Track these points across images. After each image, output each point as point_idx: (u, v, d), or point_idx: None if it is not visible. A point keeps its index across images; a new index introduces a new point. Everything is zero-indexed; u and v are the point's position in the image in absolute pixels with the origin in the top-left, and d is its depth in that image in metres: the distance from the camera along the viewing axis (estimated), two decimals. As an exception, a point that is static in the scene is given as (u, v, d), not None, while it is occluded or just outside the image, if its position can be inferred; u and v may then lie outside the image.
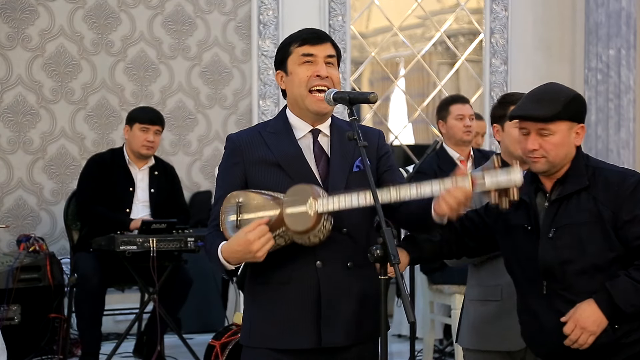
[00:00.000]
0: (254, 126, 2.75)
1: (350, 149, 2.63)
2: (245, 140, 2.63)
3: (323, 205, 2.42)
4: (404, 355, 5.08)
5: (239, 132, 2.73)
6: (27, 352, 4.98)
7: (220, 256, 2.48)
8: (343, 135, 2.62)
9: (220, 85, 6.52)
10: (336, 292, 2.55)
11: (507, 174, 2.39)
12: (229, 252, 2.47)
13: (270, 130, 2.64)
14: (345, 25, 6.82)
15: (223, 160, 2.68)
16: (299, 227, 2.43)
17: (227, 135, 2.71)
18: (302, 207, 2.42)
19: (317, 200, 2.42)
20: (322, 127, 2.65)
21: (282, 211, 2.44)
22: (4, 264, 5.02)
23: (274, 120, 2.70)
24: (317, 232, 2.44)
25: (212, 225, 2.62)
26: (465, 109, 4.93)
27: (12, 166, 5.94)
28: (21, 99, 5.96)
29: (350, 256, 2.58)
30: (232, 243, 2.46)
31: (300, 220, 2.42)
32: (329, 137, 2.65)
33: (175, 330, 4.94)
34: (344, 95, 2.54)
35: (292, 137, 2.62)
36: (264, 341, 2.58)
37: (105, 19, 6.18)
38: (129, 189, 5.07)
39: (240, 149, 2.61)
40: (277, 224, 2.44)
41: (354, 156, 2.62)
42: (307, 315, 2.54)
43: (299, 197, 2.43)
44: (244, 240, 2.40)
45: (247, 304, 2.68)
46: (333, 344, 2.55)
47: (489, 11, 7.30)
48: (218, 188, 2.66)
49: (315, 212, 2.41)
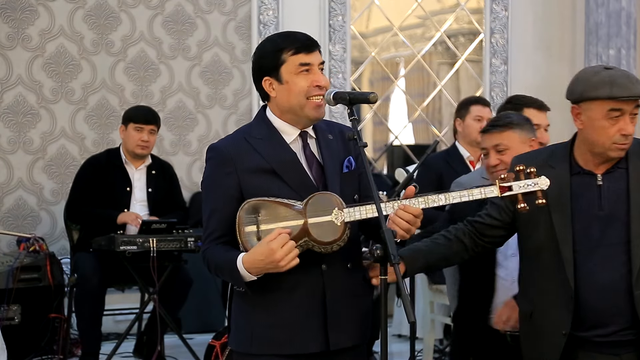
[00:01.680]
0: (235, 133, 2.65)
1: (336, 149, 2.62)
2: (233, 149, 2.55)
3: (350, 214, 2.43)
4: (404, 355, 5.08)
5: (223, 141, 2.63)
6: (27, 352, 4.98)
7: (241, 267, 2.43)
8: (326, 135, 2.63)
9: (220, 85, 6.52)
10: (339, 293, 2.54)
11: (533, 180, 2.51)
12: (250, 262, 2.42)
13: (257, 136, 2.57)
14: (345, 25, 6.82)
15: (210, 171, 2.57)
16: (326, 237, 2.43)
17: (210, 146, 2.60)
18: (328, 217, 2.42)
19: (343, 210, 2.43)
20: (308, 129, 2.62)
21: (306, 221, 2.43)
22: (4, 264, 5.01)
23: (257, 126, 2.62)
24: (340, 242, 2.45)
25: (210, 240, 2.55)
26: (485, 111, 4.94)
27: (12, 166, 5.94)
28: (21, 99, 5.96)
29: (349, 257, 2.59)
30: (254, 253, 2.41)
31: (328, 230, 2.42)
32: (315, 138, 2.63)
33: (175, 330, 4.94)
34: (344, 95, 2.54)
35: (283, 142, 2.57)
36: (270, 347, 2.53)
37: (106, 19, 6.18)
38: (126, 188, 5.07)
39: (231, 158, 2.53)
40: (300, 234, 2.42)
41: (341, 156, 2.62)
42: (314, 318, 2.52)
43: (321, 206, 2.43)
44: (267, 249, 2.37)
45: (244, 310, 2.59)
46: (340, 346, 2.55)
47: (489, 11, 7.30)
48: (209, 200, 2.56)
49: (342, 222, 2.43)
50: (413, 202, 2.46)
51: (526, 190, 2.51)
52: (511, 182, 2.50)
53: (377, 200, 2.38)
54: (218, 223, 2.54)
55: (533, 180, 2.52)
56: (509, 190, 2.50)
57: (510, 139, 3.22)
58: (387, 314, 2.39)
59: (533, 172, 2.52)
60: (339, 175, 2.59)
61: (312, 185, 2.54)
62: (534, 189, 2.51)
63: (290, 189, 2.51)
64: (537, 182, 2.51)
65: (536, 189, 2.51)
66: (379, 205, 2.37)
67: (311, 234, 2.42)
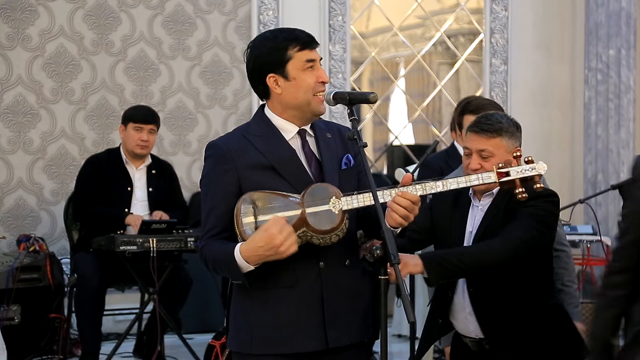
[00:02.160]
0: (234, 131, 2.67)
1: (334, 147, 2.63)
2: (233, 146, 2.56)
3: (347, 202, 2.43)
4: (404, 355, 5.08)
5: (222, 139, 2.64)
6: (27, 352, 4.99)
7: (239, 256, 2.41)
8: (324, 134, 2.64)
9: (220, 85, 6.52)
10: (337, 291, 2.55)
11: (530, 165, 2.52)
12: (249, 250, 2.40)
13: (256, 134, 2.59)
14: (345, 25, 6.81)
15: (209, 168, 2.58)
16: (324, 225, 2.42)
17: (209, 143, 2.61)
18: (325, 206, 2.43)
19: (341, 199, 2.43)
20: (307, 127, 2.64)
21: (304, 211, 2.42)
22: (4, 264, 5.02)
23: (255, 123, 2.64)
24: (338, 231, 2.44)
25: (208, 236, 2.55)
26: None
27: (12, 166, 5.94)
28: (21, 99, 5.96)
29: (347, 254, 2.59)
30: (253, 240, 2.40)
31: (325, 218, 2.42)
32: (314, 136, 2.64)
33: (175, 330, 4.94)
34: (344, 95, 2.55)
35: (282, 139, 2.59)
36: (271, 347, 2.53)
37: (105, 19, 6.18)
38: (127, 188, 5.08)
39: (230, 155, 2.54)
40: (298, 223, 2.42)
41: (339, 154, 2.63)
42: (312, 316, 2.53)
43: (318, 196, 2.43)
44: (266, 235, 2.36)
45: (244, 310, 2.59)
46: (339, 344, 2.55)
47: (489, 11, 7.30)
48: (208, 197, 2.57)
49: (340, 210, 2.43)
50: (410, 189, 2.45)
51: (524, 175, 2.51)
52: (509, 168, 2.51)
53: (376, 200, 2.38)
54: (217, 219, 2.54)
55: (530, 165, 2.52)
56: (507, 175, 2.50)
57: (497, 146, 3.00)
58: (387, 314, 2.39)
59: (530, 157, 2.54)
60: (337, 172, 2.60)
61: (310, 181, 2.55)
62: (531, 174, 2.52)
63: (289, 185, 2.52)
64: (535, 167, 2.52)
65: (534, 173, 2.52)
66: (379, 204, 2.37)
67: (309, 223, 2.42)
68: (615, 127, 6.85)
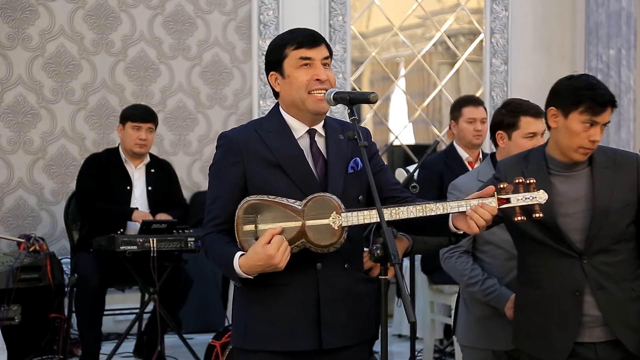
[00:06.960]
0: (248, 124, 2.70)
1: (344, 149, 2.63)
2: (243, 139, 2.59)
3: (347, 219, 2.44)
4: (404, 355, 5.08)
5: (234, 130, 2.67)
6: (27, 352, 4.98)
7: (238, 268, 2.45)
8: (336, 135, 2.64)
9: (221, 85, 6.52)
10: (334, 293, 2.55)
11: (532, 194, 2.51)
12: (248, 267, 2.44)
13: (267, 130, 2.61)
14: (346, 25, 6.82)
15: (218, 158, 2.61)
16: (323, 241, 2.44)
17: (221, 133, 2.65)
18: (325, 220, 2.44)
19: (341, 214, 2.44)
20: (318, 127, 2.64)
21: (304, 224, 2.44)
22: (4, 264, 5.02)
23: (269, 119, 2.66)
24: (337, 244, 2.46)
25: (211, 225, 2.59)
26: (478, 112, 4.90)
27: (12, 166, 5.94)
28: (21, 99, 5.96)
29: (347, 257, 2.59)
30: (252, 259, 2.43)
31: (325, 234, 2.44)
32: (324, 137, 2.64)
33: (176, 330, 4.94)
34: (344, 95, 2.54)
35: (291, 137, 2.60)
36: (263, 343, 2.55)
37: (106, 19, 6.18)
38: (126, 187, 5.08)
39: (239, 148, 2.57)
40: (297, 235, 2.44)
41: (348, 157, 2.63)
42: (306, 316, 2.53)
43: (320, 209, 2.44)
44: (265, 256, 2.39)
45: (240, 306, 2.63)
46: (333, 345, 2.55)
47: (489, 11, 7.30)
48: (214, 187, 2.61)
49: (339, 226, 2.44)
50: (411, 210, 2.47)
51: (524, 204, 2.51)
52: (509, 195, 2.51)
53: (377, 202, 2.38)
54: (221, 209, 2.57)
55: (531, 193, 2.51)
56: (507, 202, 2.50)
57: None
58: (387, 314, 2.39)
59: (532, 183, 2.52)
60: (342, 175, 2.59)
61: (315, 181, 2.55)
62: (532, 202, 2.51)
63: (293, 183, 2.53)
64: (535, 196, 2.51)
65: (534, 202, 2.51)
66: (379, 207, 2.37)
67: (308, 237, 2.44)
68: (615, 127, 6.85)
